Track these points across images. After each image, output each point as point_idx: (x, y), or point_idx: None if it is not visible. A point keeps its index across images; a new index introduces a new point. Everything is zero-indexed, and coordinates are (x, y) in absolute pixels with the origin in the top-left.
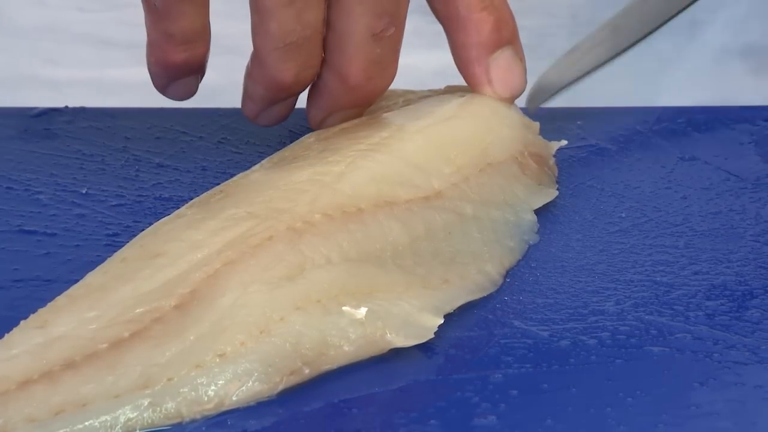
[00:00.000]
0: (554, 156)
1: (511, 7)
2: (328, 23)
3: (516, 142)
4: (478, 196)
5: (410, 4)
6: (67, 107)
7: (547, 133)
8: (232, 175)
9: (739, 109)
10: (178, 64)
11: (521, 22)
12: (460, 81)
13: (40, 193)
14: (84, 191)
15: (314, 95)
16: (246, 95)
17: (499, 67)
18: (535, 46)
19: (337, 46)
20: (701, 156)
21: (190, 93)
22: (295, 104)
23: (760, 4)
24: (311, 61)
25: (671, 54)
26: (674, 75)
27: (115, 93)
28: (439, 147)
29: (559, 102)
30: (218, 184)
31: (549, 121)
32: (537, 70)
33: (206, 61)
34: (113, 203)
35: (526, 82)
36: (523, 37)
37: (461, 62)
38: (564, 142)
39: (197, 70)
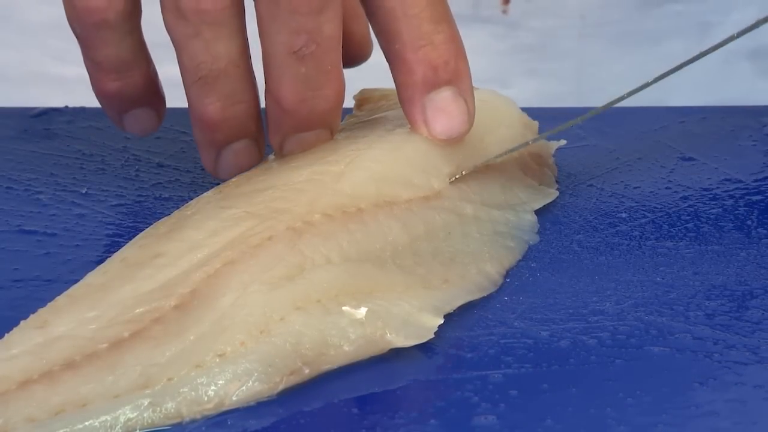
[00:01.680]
0: (554, 156)
1: (520, 7)
2: None
3: (516, 142)
4: (478, 196)
5: None
6: (67, 107)
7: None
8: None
9: (739, 109)
10: (113, 94)
11: (530, 23)
12: None
13: (40, 193)
14: (84, 191)
15: (267, 120)
16: (197, 144)
17: (435, 107)
18: (544, 46)
19: (266, 68)
20: (701, 156)
21: (147, 128)
22: (256, 151)
23: None
24: (237, 95)
25: (681, 55)
26: (684, 76)
27: None
28: (439, 147)
29: (558, 102)
30: (218, 184)
31: (549, 121)
32: (546, 70)
33: (155, 92)
34: (113, 203)
35: (468, 122)
36: (532, 38)
37: (400, 101)
38: (563, 142)
39: (142, 101)
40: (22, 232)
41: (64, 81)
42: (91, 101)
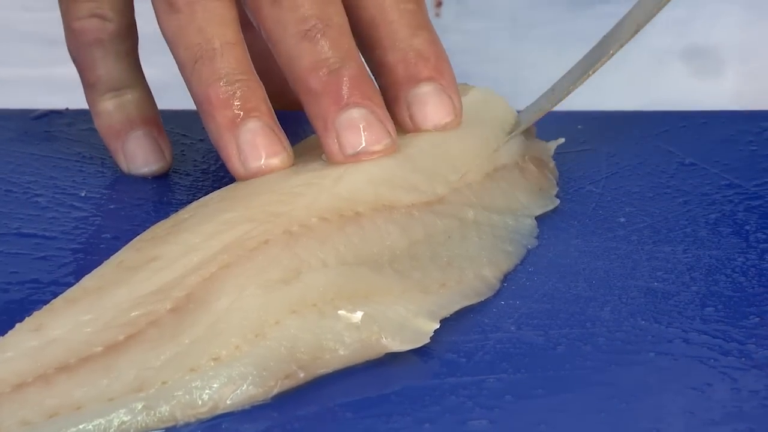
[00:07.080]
0: (553, 158)
1: (452, 10)
2: None
3: (517, 145)
4: (480, 201)
5: None
6: (67, 109)
7: (547, 136)
8: (233, 179)
9: (739, 114)
10: (107, 113)
11: (462, 25)
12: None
13: (39, 196)
14: (83, 194)
15: (311, 121)
16: (214, 143)
17: (419, 101)
18: (477, 49)
19: (284, 69)
20: (701, 161)
21: (149, 158)
22: (274, 136)
23: (700, 6)
24: (236, 73)
25: (615, 56)
26: (616, 77)
27: (62, 91)
28: (443, 152)
29: (559, 105)
30: (218, 187)
31: (549, 124)
32: (480, 73)
33: (152, 117)
34: (112, 206)
35: (453, 115)
36: (465, 41)
37: (387, 104)
38: (561, 140)
39: (138, 123)
40: (21, 235)
41: (1, 82)
42: (33, 100)
